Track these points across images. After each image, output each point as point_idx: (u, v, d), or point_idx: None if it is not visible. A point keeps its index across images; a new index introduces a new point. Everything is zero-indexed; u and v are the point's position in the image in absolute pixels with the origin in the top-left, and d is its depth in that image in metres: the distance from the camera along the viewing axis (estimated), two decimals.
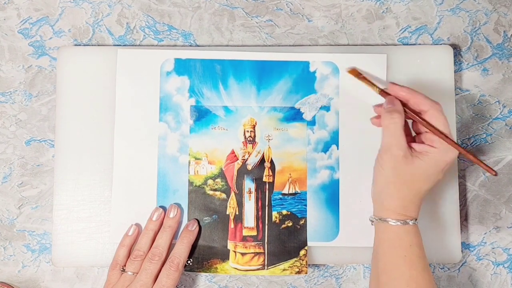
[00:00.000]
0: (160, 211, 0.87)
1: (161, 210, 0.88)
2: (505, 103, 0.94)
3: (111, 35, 0.94)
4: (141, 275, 0.82)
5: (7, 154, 0.92)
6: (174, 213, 0.87)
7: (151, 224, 0.87)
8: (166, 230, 0.86)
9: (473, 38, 0.95)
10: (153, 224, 0.87)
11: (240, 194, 0.89)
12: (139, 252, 0.85)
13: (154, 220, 0.87)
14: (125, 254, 0.86)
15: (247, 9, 0.95)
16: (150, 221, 0.87)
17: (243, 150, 0.90)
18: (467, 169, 0.94)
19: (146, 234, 0.86)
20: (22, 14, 0.94)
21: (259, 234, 0.88)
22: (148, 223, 0.87)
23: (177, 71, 0.90)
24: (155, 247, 0.85)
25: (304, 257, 0.88)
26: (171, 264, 0.83)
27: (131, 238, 0.87)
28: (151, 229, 0.86)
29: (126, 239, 0.87)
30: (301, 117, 0.90)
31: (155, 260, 0.83)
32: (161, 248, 0.84)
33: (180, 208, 0.88)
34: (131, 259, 0.84)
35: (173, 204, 0.88)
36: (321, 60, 0.91)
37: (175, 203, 0.89)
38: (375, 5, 0.95)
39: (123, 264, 0.85)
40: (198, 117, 0.90)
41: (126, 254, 0.86)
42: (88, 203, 0.90)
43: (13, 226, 0.91)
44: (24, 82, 0.93)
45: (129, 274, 0.83)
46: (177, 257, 0.84)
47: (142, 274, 0.82)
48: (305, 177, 0.89)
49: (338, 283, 0.92)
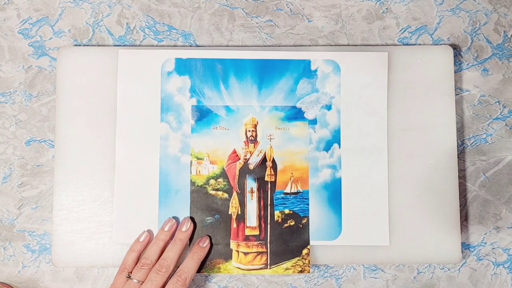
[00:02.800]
0: (173, 222, 0.87)
1: (174, 221, 0.87)
2: (505, 103, 0.95)
3: (111, 35, 0.94)
4: (146, 285, 0.82)
5: (7, 155, 0.92)
6: (187, 227, 0.87)
7: (162, 235, 0.87)
8: (177, 243, 0.86)
9: (473, 38, 0.96)
10: (164, 235, 0.86)
11: (242, 193, 0.89)
12: (147, 260, 0.84)
13: (166, 230, 0.87)
14: (134, 259, 0.85)
15: (247, 9, 0.95)
16: (162, 231, 0.87)
17: (245, 150, 0.90)
18: (467, 169, 0.94)
19: (156, 243, 0.86)
20: (22, 14, 0.94)
21: (261, 233, 0.88)
22: (159, 233, 0.87)
23: (178, 71, 0.90)
24: (164, 258, 0.84)
25: (306, 256, 0.88)
26: (178, 279, 0.83)
27: (141, 244, 0.87)
28: (162, 239, 0.86)
29: (136, 245, 0.87)
30: (303, 116, 0.90)
31: (162, 271, 0.83)
32: (169, 260, 0.84)
33: (193, 222, 0.88)
34: (138, 267, 0.84)
35: (187, 217, 0.88)
36: (322, 59, 0.91)
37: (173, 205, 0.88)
38: (375, 5, 0.95)
39: (130, 270, 0.84)
40: (200, 117, 0.90)
41: (135, 260, 0.85)
42: (88, 204, 0.89)
43: (13, 226, 0.91)
44: (24, 83, 0.93)
45: (134, 281, 0.83)
46: (185, 271, 0.84)
47: (148, 285, 0.82)
48: (307, 176, 0.89)
49: (338, 283, 0.92)
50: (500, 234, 0.93)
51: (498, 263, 0.93)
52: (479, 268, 0.93)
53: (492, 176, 0.94)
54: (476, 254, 0.93)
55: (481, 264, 0.93)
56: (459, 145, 0.94)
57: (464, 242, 0.93)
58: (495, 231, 0.93)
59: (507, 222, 0.93)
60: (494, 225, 0.93)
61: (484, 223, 0.93)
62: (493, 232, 0.93)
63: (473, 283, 0.93)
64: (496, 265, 0.93)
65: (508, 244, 0.93)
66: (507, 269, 0.93)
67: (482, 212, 0.93)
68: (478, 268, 0.93)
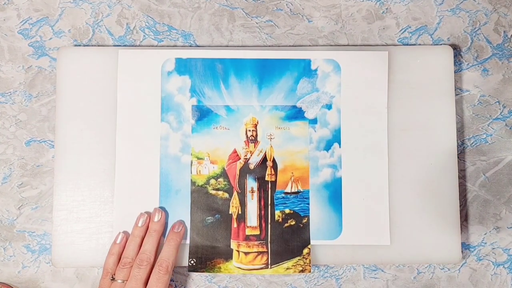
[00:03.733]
0: (145, 217, 0.87)
1: (146, 216, 0.87)
2: (505, 103, 0.95)
3: (111, 35, 0.94)
4: (131, 282, 0.82)
5: (7, 155, 0.92)
6: (158, 217, 0.87)
7: (136, 230, 0.87)
8: (152, 234, 0.86)
9: (473, 38, 0.96)
10: (138, 230, 0.87)
11: (242, 193, 0.89)
12: (127, 259, 0.84)
13: (140, 226, 0.87)
14: (115, 262, 0.85)
15: (247, 10, 0.95)
16: (136, 227, 0.87)
17: (245, 149, 0.90)
18: (467, 169, 0.94)
19: (133, 240, 0.86)
20: (22, 14, 0.94)
21: (262, 233, 0.88)
22: (134, 230, 0.87)
23: (178, 70, 0.90)
24: (142, 252, 0.84)
25: (307, 256, 0.88)
26: (160, 268, 0.83)
27: (119, 246, 0.87)
28: (137, 235, 0.86)
29: (114, 247, 0.87)
30: (303, 116, 0.90)
31: (143, 265, 0.83)
32: (148, 253, 0.84)
33: (164, 211, 0.88)
34: (119, 267, 0.84)
35: (157, 208, 0.88)
36: (322, 58, 0.91)
37: (173, 205, 0.89)
38: (375, 5, 0.96)
39: (113, 273, 0.85)
40: (200, 116, 0.90)
41: (115, 262, 0.85)
42: (88, 204, 0.89)
43: (13, 226, 0.91)
44: (24, 83, 0.93)
45: (118, 282, 0.83)
46: (165, 260, 0.84)
47: (132, 281, 0.82)
48: (308, 175, 0.89)
49: (338, 283, 0.92)
50: (500, 234, 0.93)
51: (498, 263, 0.93)
52: (479, 268, 0.93)
53: (492, 176, 0.94)
54: (476, 254, 0.93)
55: (481, 264, 0.93)
56: (459, 145, 0.94)
57: (464, 242, 0.93)
58: (495, 231, 0.93)
59: (507, 222, 0.93)
60: (494, 225, 0.93)
61: (484, 223, 0.93)
62: (493, 232, 0.93)
63: (473, 283, 0.93)
64: (496, 265, 0.93)
65: (508, 244, 0.93)
66: (507, 269, 0.93)
67: (482, 212, 0.93)
68: (478, 268, 0.93)
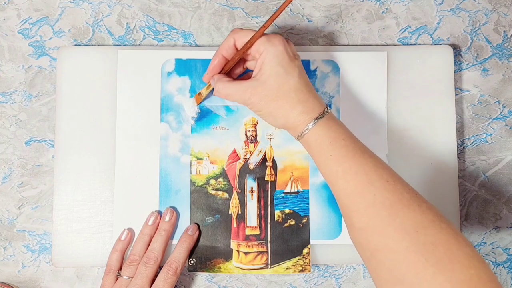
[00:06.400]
0: (156, 216, 0.87)
1: (157, 215, 0.87)
2: (505, 103, 0.95)
3: (111, 35, 0.94)
4: (137, 279, 0.82)
5: (7, 154, 0.92)
6: (169, 217, 0.87)
7: (146, 229, 0.87)
8: (162, 233, 0.86)
9: (473, 38, 0.96)
10: (148, 229, 0.87)
11: (242, 193, 0.89)
12: (135, 256, 0.85)
13: (150, 224, 0.87)
14: (118, 259, 0.86)
15: (247, 9, 0.95)
16: (146, 225, 0.87)
17: (245, 150, 0.90)
18: (467, 169, 0.94)
19: (142, 238, 0.86)
20: (22, 14, 0.94)
21: (262, 233, 0.88)
22: (143, 228, 0.87)
23: (177, 71, 0.90)
24: (150, 251, 0.85)
25: (307, 255, 0.88)
26: (169, 268, 0.83)
27: (124, 243, 0.87)
28: (147, 234, 0.86)
29: (118, 244, 0.87)
30: None
31: (150, 264, 0.83)
32: (156, 252, 0.84)
33: (176, 211, 0.88)
34: (126, 264, 0.84)
35: (169, 207, 0.88)
36: (321, 59, 0.91)
37: (173, 206, 0.89)
38: (375, 5, 0.95)
39: (117, 269, 0.85)
40: (200, 117, 0.90)
41: (119, 259, 0.86)
42: (88, 203, 0.89)
43: (13, 226, 0.91)
44: (24, 82, 0.93)
45: (124, 278, 0.83)
46: (175, 261, 0.84)
47: (138, 278, 0.82)
48: (307, 175, 0.89)
49: (338, 283, 0.92)
50: (500, 234, 0.93)
51: (498, 263, 0.93)
52: None
53: (492, 176, 0.94)
54: None
55: None
56: (459, 145, 0.94)
57: None
58: (495, 231, 0.93)
59: (507, 222, 0.93)
60: (494, 225, 0.93)
61: (484, 223, 0.93)
62: (493, 232, 0.93)
63: None
64: (496, 265, 0.93)
65: (508, 244, 0.93)
66: (507, 269, 0.93)
67: (482, 212, 0.93)
68: None
